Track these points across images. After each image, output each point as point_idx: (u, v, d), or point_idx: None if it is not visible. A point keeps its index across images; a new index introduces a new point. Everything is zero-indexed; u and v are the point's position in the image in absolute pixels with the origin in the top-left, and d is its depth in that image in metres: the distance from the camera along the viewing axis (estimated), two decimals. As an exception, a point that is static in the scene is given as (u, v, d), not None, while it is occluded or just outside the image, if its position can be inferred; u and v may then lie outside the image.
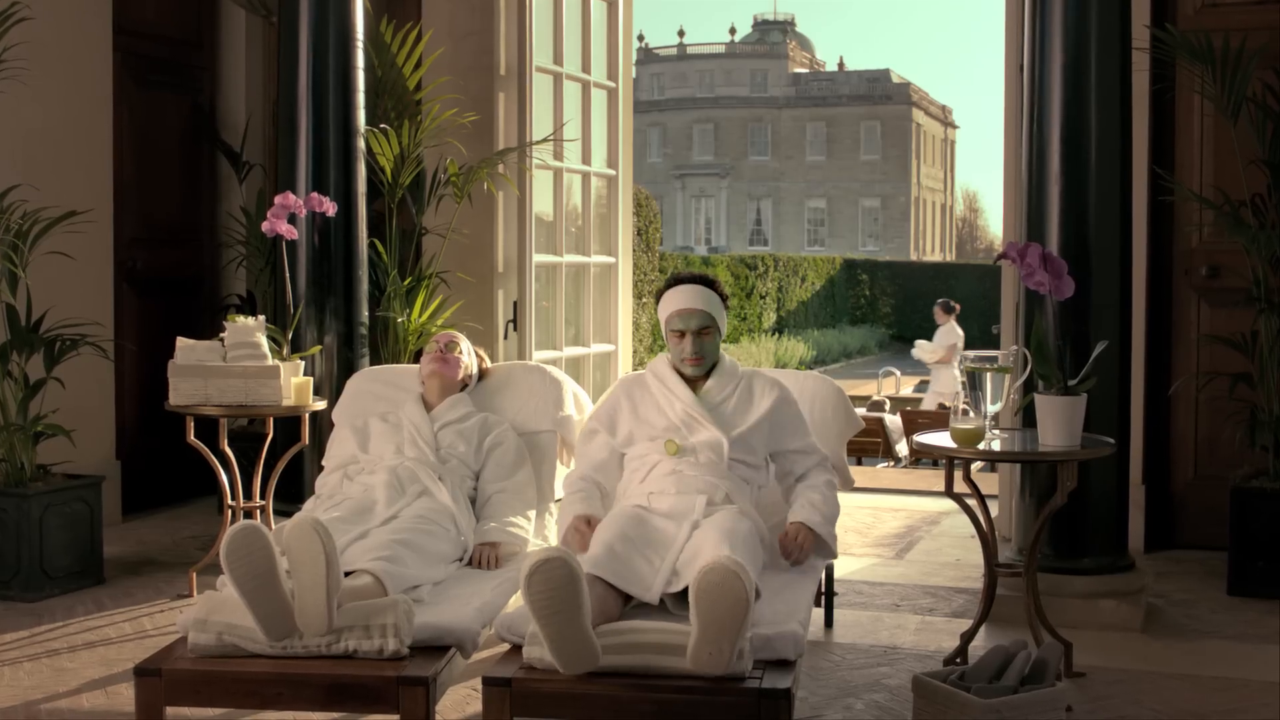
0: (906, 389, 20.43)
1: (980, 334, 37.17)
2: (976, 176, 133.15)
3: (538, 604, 2.90)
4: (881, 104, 58.14)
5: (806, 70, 61.19)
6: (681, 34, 61.95)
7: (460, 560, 3.91)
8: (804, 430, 4.03)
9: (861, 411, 4.66)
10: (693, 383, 3.93)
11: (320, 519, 3.47)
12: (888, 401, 16.24)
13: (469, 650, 3.29)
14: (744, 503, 3.72)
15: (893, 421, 14.36)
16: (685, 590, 3.32)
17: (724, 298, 3.98)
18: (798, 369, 29.21)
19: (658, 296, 4.01)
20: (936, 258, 58.35)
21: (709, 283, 3.95)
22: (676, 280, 3.97)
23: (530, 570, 2.90)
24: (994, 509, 5.69)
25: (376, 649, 3.11)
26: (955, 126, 65.28)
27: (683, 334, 3.88)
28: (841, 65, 63.34)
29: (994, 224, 71.98)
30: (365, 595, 3.29)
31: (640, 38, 61.27)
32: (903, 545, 6.02)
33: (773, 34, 62.13)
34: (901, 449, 14.07)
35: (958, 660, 4.06)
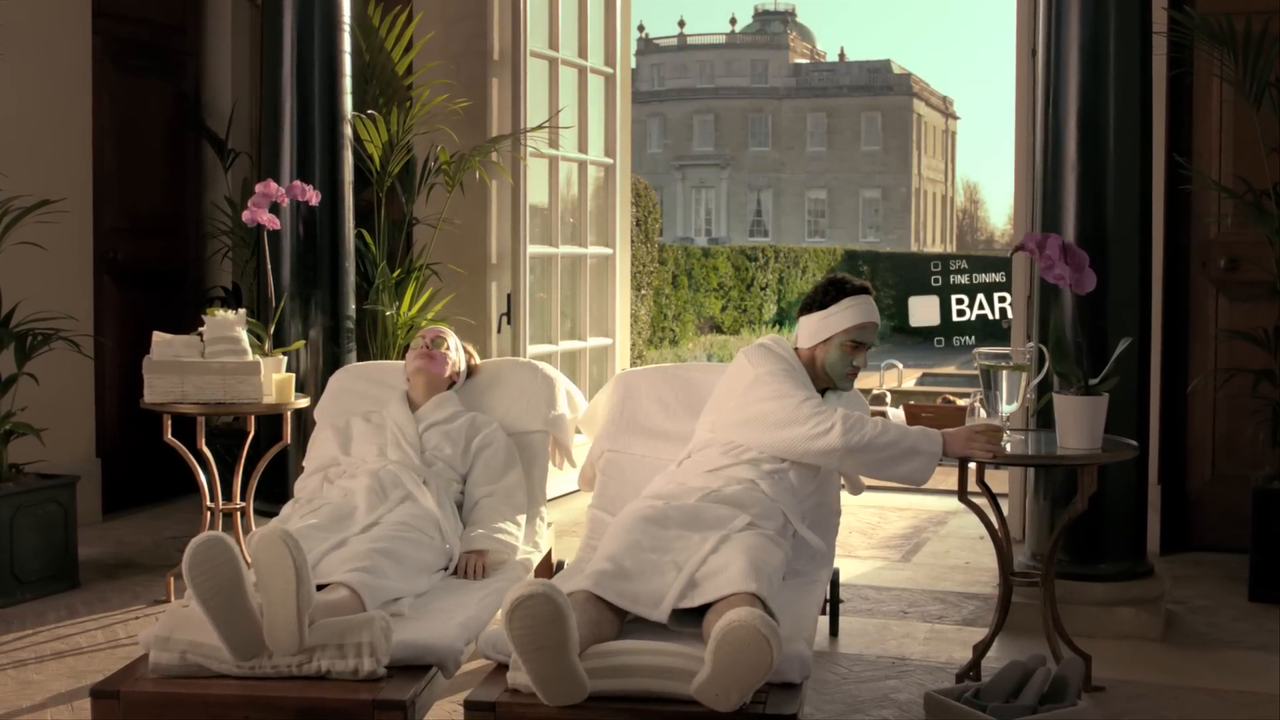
0: (909, 382, 20.25)
1: (983, 327, 37.08)
2: (977, 168, 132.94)
3: (520, 639, 2.70)
4: (882, 95, 57.90)
5: (807, 61, 60.93)
6: (682, 24, 61.83)
7: (445, 569, 3.70)
8: None
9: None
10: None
11: (292, 528, 3.29)
12: (889, 394, 16.06)
13: (451, 670, 3.08)
14: (795, 522, 3.61)
15: (895, 415, 14.17)
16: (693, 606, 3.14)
17: None
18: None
19: (823, 296, 3.89)
20: (937, 249, 58.14)
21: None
22: (858, 289, 3.88)
23: (512, 606, 2.69)
24: (1003, 506, 5.48)
25: (351, 669, 2.90)
26: (956, 118, 65.07)
27: (858, 346, 3.84)
28: (842, 56, 63.11)
29: (994, 216, 71.86)
30: (341, 610, 3.08)
31: (640, 28, 61.06)
32: (909, 547, 5.82)
33: (773, 24, 61.84)
34: (904, 443, 13.86)
35: (971, 675, 3.86)
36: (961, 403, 15.22)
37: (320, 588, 3.19)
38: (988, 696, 3.31)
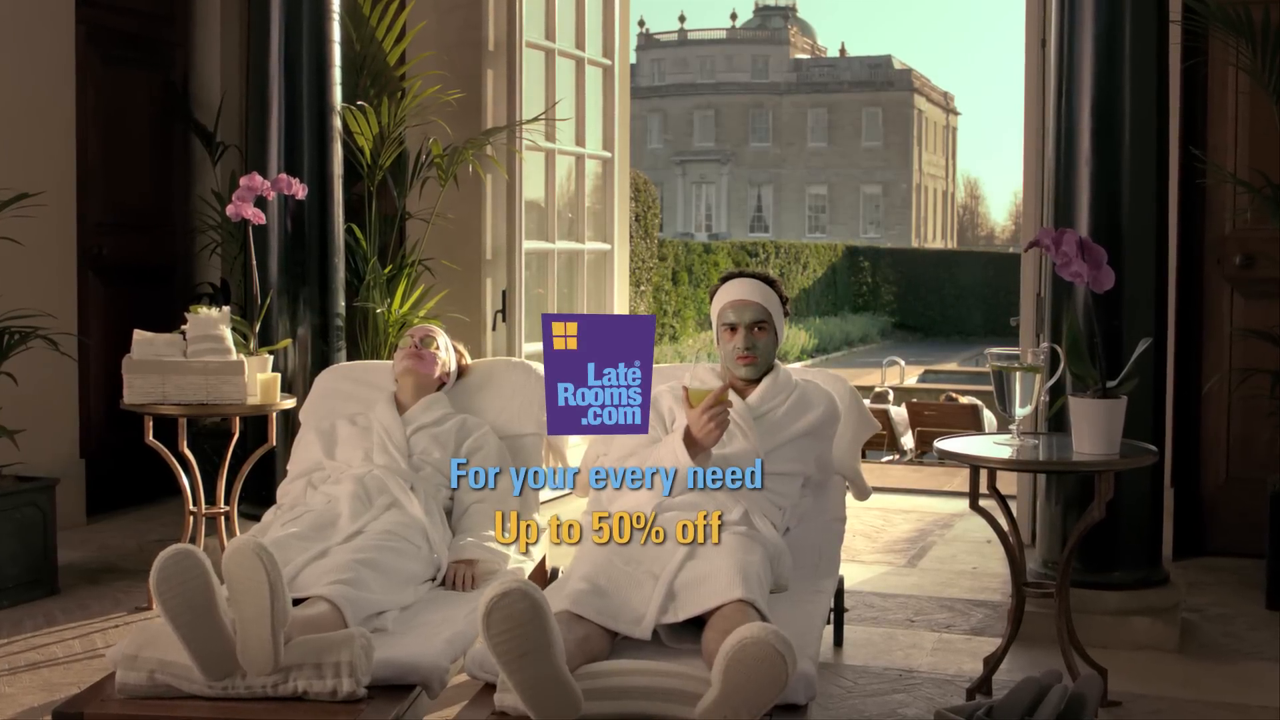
0: (911, 379, 20.09)
1: (984, 323, 36.92)
2: (977, 164, 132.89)
3: (500, 646, 2.52)
4: (883, 90, 57.80)
5: (808, 56, 60.81)
6: (682, 19, 61.58)
7: (432, 580, 3.54)
8: (826, 456, 3.77)
9: (865, 403, 4.32)
10: (740, 391, 3.61)
11: (272, 536, 3.14)
12: (891, 392, 15.91)
13: (436, 690, 2.92)
14: (763, 524, 3.36)
15: (898, 413, 14.02)
16: (683, 620, 2.98)
17: (784, 300, 3.71)
18: (800, 359, 28.95)
19: (711, 294, 3.76)
20: (938, 245, 58.04)
21: (769, 281, 3.69)
22: (732, 275, 3.72)
23: (488, 609, 2.52)
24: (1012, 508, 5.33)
25: (329, 690, 2.74)
26: (957, 113, 64.93)
27: (734, 328, 3.61)
28: (843, 51, 63.04)
29: (995, 211, 71.81)
30: (320, 626, 2.92)
31: (641, 23, 60.86)
32: (915, 551, 5.66)
33: (774, 20, 61.72)
34: (907, 441, 13.74)
35: (982, 690, 3.70)
36: (964, 400, 15.09)
37: (301, 601, 3.04)
38: (1000, 715, 3.14)
